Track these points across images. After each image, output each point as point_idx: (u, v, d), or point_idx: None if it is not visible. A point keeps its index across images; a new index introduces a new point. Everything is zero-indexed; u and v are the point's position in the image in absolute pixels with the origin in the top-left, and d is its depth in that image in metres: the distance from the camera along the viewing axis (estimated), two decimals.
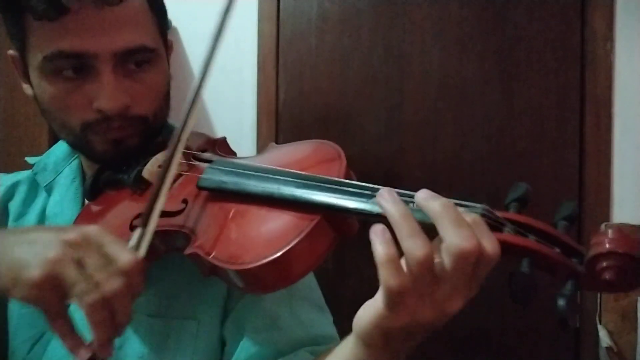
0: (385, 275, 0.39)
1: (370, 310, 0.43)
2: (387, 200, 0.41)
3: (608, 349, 1.42)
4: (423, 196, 0.41)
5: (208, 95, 1.76)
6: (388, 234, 0.40)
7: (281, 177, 0.52)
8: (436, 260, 0.39)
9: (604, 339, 1.45)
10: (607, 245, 0.39)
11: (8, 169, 0.79)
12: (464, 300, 0.41)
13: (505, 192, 0.45)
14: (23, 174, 0.77)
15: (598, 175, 1.60)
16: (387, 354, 0.45)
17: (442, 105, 1.68)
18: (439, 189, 0.41)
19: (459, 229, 0.38)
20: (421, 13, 1.69)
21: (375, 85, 1.71)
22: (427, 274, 0.39)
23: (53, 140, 1.51)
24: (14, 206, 0.73)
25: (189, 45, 1.71)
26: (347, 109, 1.72)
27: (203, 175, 0.58)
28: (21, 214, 0.73)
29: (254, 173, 0.54)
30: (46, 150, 0.79)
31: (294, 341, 0.60)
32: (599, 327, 1.49)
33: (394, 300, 0.40)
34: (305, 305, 0.64)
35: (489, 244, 0.39)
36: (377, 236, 0.40)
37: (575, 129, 1.63)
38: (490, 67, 1.66)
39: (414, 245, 0.38)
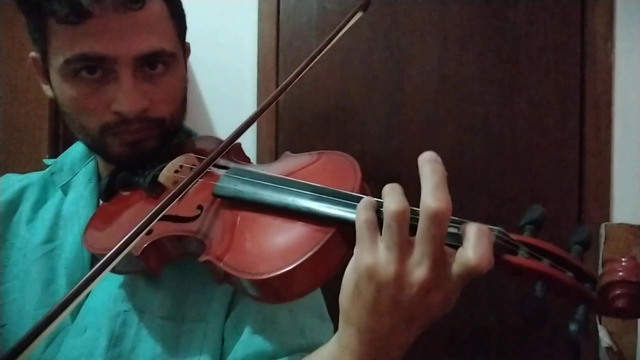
0: (357, 213, 0.43)
1: (347, 268, 0.45)
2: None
3: (608, 349, 1.42)
4: (427, 157, 0.43)
5: (208, 95, 1.76)
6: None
7: (297, 189, 0.52)
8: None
9: (604, 339, 1.45)
10: (621, 274, 0.39)
11: (8, 169, 0.79)
12: (432, 274, 0.40)
13: (505, 193, 0.45)
14: (33, 176, 0.77)
15: (598, 175, 1.60)
16: (369, 335, 0.45)
17: (442, 105, 1.68)
18: None
19: (436, 191, 0.40)
20: (421, 13, 1.69)
21: (375, 85, 1.71)
22: (397, 227, 0.41)
23: (53, 141, 1.51)
24: (25, 210, 0.74)
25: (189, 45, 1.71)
26: (347, 109, 1.72)
27: (219, 183, 0.58)
28: (31, 219, 0.73)
29: (270, 183, 0.54)
30: (46, 151, 0.79)
31: (291, 346, 0.60)
32: (599, 327, 1.50)
33: (362, 233, 0.43)
34: (305, 311, 0.64)
35: (483, 256, 0.39)
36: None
37: (575, 129, 1.63)
38: (490, 67, 1.66)
39: (390, 200, 0.42)
